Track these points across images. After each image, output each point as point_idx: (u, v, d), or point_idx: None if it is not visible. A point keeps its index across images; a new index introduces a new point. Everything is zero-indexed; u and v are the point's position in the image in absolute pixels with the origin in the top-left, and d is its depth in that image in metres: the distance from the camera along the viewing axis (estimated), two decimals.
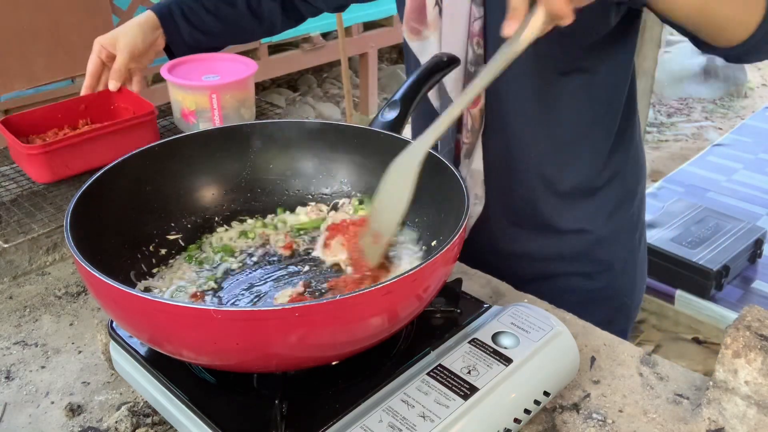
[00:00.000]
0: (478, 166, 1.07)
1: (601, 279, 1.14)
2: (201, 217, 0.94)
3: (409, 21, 1.06)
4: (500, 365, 0.72)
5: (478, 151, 1.06)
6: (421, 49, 1.07)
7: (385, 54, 5.06)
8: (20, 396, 0.82)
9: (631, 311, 1.20)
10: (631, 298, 1.19)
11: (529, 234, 1.11)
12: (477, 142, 1.06)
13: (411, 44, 1.08)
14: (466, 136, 1.06)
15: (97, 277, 0.64)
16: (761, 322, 0.75)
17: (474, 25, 0.99)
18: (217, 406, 0.70)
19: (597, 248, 1.11)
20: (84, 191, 0.78)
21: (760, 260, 2.71)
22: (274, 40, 3.56)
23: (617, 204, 1.11)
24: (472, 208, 1.08)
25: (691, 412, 0.78)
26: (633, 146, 1.12)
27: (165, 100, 1.36)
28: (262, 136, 0.96)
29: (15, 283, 1.02)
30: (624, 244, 1.15)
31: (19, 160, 1.19)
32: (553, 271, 1.13)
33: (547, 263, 1.13)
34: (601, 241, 1.11)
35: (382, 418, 0.67)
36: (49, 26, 2.16)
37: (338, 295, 0.62)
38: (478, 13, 0.98)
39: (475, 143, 1.06)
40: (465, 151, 1.07)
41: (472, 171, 1.08)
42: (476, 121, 1.04)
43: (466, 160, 1.08)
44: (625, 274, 1.16)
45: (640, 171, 1.16)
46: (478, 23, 0.98)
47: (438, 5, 1.02)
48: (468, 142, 1.06)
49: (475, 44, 1.00)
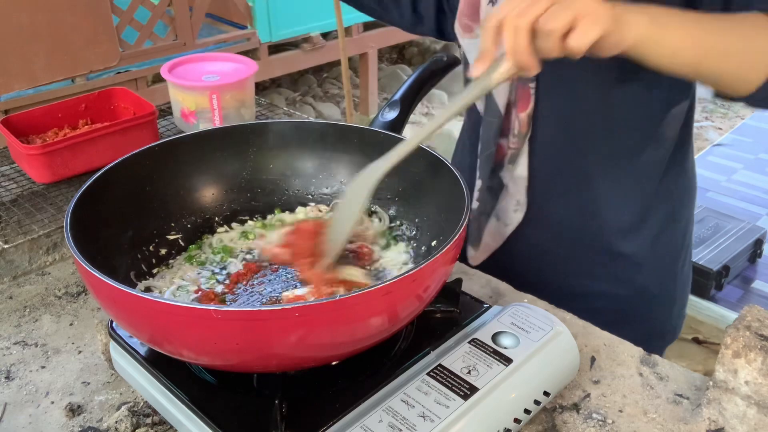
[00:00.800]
0: (523, 173, 1.02)
1: (637, 303, 1.09)
2: (201, 217, 0.94)
3: (462, 17, 1.02)
4: (500, 365, 0.72)
5: (523, 157, 1.01)
6: (472, 47, 1.02)
7: (385, 54, 5.06)
8: (20, 396, 0.82)
9: (666, 335, 1.15)
10: (666, 324, 1.14)
11: (568, 248, 1.07)
12: (523, 147, 1.00)
13: (462, 41, 1.04)
14: (512, 141, 1.00)
15: (97, 277, 0.64)
16: (761, 322, 0.75)
17: None
18: (217, 406, 0.70)
19: (636, 273, 1.06)
20: (84, 191, 0.78)
21: (760, 260, 2.71)
22: (274, 40, 3.56)
23: (663, 229, 1.06)
24: (512, 214, 1.05)
25: (691, 412, 0.78)
26: (685, 168, 1.07)
27: (165, 100, 1.36)
28: (262, 136, 0.96)
29: (15, 283, 1.02)
30: (665, 270, 1.10)
31: (19, 160, 1.19)
32: (588, 289, 1.08)
33: (583, 280, 1.08)
34: (642, 266, 1.06)
35: (382, 418, 0.67)
36: (49, 26, 2.16)
37: (338, 295, 0.62)
38: None
39: (521, 149, 1.00)
40: (510, 156, 1.02)
41: (516, 177, 1.02)
42: (524, 126, 0.98)
43: (510, 165, 1.02)
44: (662, 300, 1.11)
45: (690, 195, 1.10)
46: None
47: (492, 3, 0.97)
48: (514, 147, 1.00)
49: None
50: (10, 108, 2.68)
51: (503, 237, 1.08)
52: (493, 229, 1.08)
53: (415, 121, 4.33)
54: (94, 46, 2.18)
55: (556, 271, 1.09)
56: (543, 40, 0.68)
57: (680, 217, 1.09)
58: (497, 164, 1.04)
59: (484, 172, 1.05)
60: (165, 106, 1.40)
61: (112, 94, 1.30)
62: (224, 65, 1.31)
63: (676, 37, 0.75)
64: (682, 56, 0.76)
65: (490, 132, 1.02)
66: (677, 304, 1.14)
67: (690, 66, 0.78)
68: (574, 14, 0.67)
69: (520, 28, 0.67)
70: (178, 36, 3.14)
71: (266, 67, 3.57)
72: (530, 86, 0.96)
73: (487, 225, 1.09)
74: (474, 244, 1.12)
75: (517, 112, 0.98)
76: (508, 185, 1.04)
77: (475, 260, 1.13)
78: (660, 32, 0.74)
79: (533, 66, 0.70)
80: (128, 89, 1.31)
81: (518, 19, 0.67)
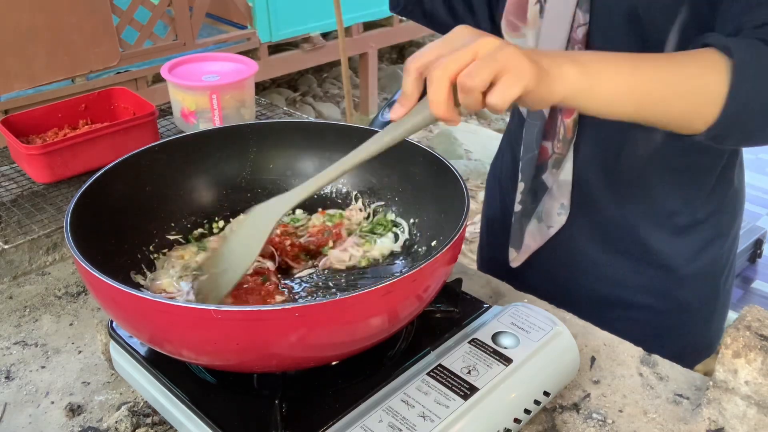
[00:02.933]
0: (567, 177, 1.01)
1: (675, 318, 1.06)
2: (201, 217, 0.94)
3: (509, 15, 1.00)
4: (500, 365, 0.72)
5: (568, 162, 1.00)
6: None
7: (385, 54, 5.06)
8: (20, 396, 0.82)
9: (702, 350, 1.12)
10: (704, 339, 1.11)
11: (608, 254, 1.05)
12: (569, 152, 0.99)
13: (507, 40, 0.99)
14: (557, 146, 0.99)
15: (97, 277, 0.64)
16: (761, 322, 0.75)
17: (577, 32, 0.92)
18: (217, 406, 0.69)
19: (677, 287, 1.04)
20: (84, 191, 0.78)
21: (760, 260, 2.71)
22: (274, 40, 3.56)
23: (708, 243, 1.03)
24: (556, 217, 1.03)
25: (691, 412, 0.78)
26: (733, 181, 1.04)
27: (165, 100, 1.37)
28: (262, 136, 0.96)
29: (15, 283, 1.02)
30: (706, 286, 1.07)
31: (19, 160, 1.19)
32: (625, 299, 1.06)
33: (621, 290, 1.06)
34: (683, 280, 1.04)
35: (382, 418, 0.67)
36: (49, 26, 2.16)
37: (338, 295, 0.62)
38: (584, 20, 0.91)
39: (566, 153, 0.99)
40: (554, 161, 1.01)
41: (560, 181, 1.01)
42: (569, 131, 0.97)
43: (554, 169, 1.01)
44: (702, 316, 1.09)
45: (738, 210, 1.07)
46: (582, 30, 0.91)
47: (539, 3, 0.95)
48: (559, 152, 0.99)
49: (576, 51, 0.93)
50: (10, 108, 2.68)
51: (545, 238, 1.07)
52: (534, 230, 1.07)
53: None
54: (94, 46, 2.19)
55: (593, 276, 1.07)
56: (463, 95, 0.64)
57: (727, 232, 1.06)
58: (540, 166, 1.03)
59: (526, 175, 1.04)
60: (165, 106, 1.40)
61: (112, 94, 1.30)
62: (224, 65, 1.31)
63: (611, 86, 0.70)
64: (619, 104, 0.72)
65: (533, 135, 1.02)
66: (716, 319, 1.11)
67: (630, 113, 0.74)
68: (495, 70, 0.62)
69: (442, 81, 0.63)
70: (178, 36, 3.14)
71: (266, 67, 3.57)
72: None
73: (528, 226, 1.08)
74: (516, 246, 1.11)
75: (563, 118, 0.97)
76: (552, 188, 1.03)
77: (516, 261, 1.12)
78: (592, 82, 0.69)
79: (454, 119, 0.66)
80: (128, 89, 1.31)
81: (439, 71, 0.63)
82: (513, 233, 1.11)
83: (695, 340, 1.10)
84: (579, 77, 0.68)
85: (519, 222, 1.09)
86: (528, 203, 1.07)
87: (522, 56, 0.63)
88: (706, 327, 1.11)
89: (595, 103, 0.71)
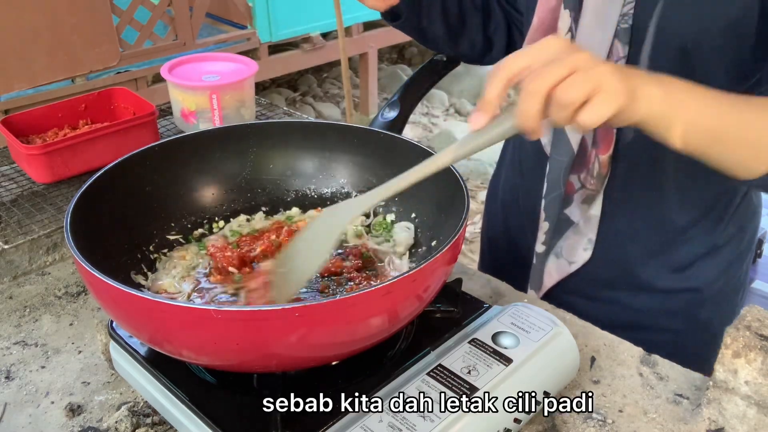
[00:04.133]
0: (597, 212, 0.98)
1: (695, 338, 1.05)
2: (201, 217, 0.94)
3: (535, 34, 0.96)
4: (500, 365, 0.72)
5: (599, 197, 0.97)
6: None
7: (385, 54, 5.06)
8: (20, 396, 0.82)
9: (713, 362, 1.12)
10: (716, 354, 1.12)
11: (631, 286, 1.03)
12: (602, 188, 0.97)
13: None
14: (590, 182, 0.97)
15: (97, 277, 0.64)
16: (761, 322, 0.75)
17: None
18: (217, 406, 0.69)
19: (700, 308, 1.03)
20: (84, 191, 0.78)
21: (760, 260, 2.71)
22: (274, 40, 3.56)
23: (731, 263, 1.03)
24: (581, 253, 1.01)
25: (691, 412, 0.78)
26: (754, 200, 1.04)
27: (165, 100, 1.36)
28: (262, 136, 0.96)
29: (15, 283, 1.02)
30: (728, 303, 1.06)
31: (19, 160, 1.19)
32: (646, 323, 1.04)
33: (643, 315, 1.04)
34: (706, 301, 1.03)
35: (382, 418, 0.66)
36: (49, 26, 2.16)
37: (338, 295, 0.62)
38: (623, 52, 0.87)
39: (600, 189, 0.97)
40: (586, 197, 0.98)
41: (590, 216, 0.99)
42: (604, 168, 0.94)
43: (584, 205, 0.99)
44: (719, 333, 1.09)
45: (757, 224, 1.07)
46: (622, 63, 0.87)
47: (571, 32, 0.90)
48: (592, 188, 0.97)
49: None
50: (10, 108, 2.67)
51: (563, 275, 1.05)
52: (552, 267, 1.05)
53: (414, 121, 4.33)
54: (94, 46, 2.19)
55: (611, 303, 1.05)
56: (556, 109, 0.62)
57: (747, 249, 1.06)
58: (564, 201, 1.00)
59: (551, 214, 1.01)
60: (165, 106, 1.40)
61: (112, 94, 1.30)
62: (224, 65, 1.31)
63: (690, 117, 0.69)
64: (693, 137, 0.71)
65: (559, 172, 0.98)
66: None
67: (701, 149, 0.73)
68: (592, 87, 0.61)
69: (537, 93, 0.61)
70: (178, 36, 3.14)
71: (266, 67, 3.57)
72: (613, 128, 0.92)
73: (546, 263, 1.06)
74: (535, 287, 1.09)
75: (598, 153, 0.94)
76: (579, 224, 1.01)
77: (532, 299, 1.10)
78: (673, 110, 0.68)
79: (539, 132, 0.64)
80: (128, 89, 1.31)
81: (536, 83, 0.61)
82: (533, 273, 1.08)
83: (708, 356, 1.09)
84: (662, 102, 0.67)
85: (542, 263, 1.06)
86: (551, 240, 1.04)
87: (617, 75, 0.62)
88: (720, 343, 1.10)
89: (671, 131, 0.70)
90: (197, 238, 0.92)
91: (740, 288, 1.08)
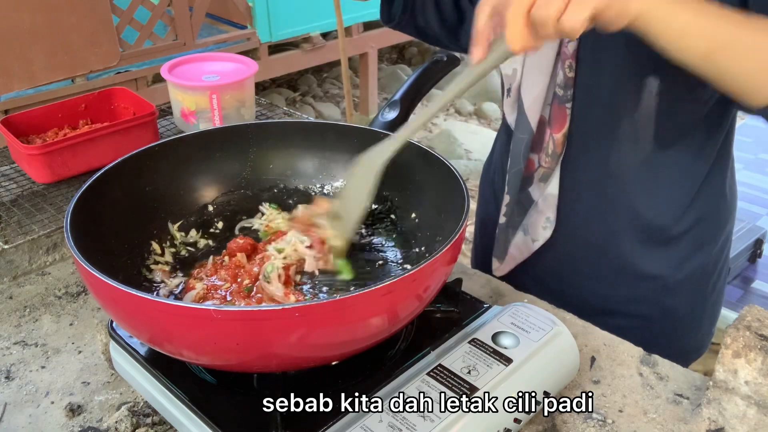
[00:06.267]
0: (554, 191, 1.01)
1: (662, 324, 1.07)
2: (201, 217, 0.94)
3: None
4: (500, 365, 0.72)
5: (555, 176, 1.00)
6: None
7: (385, 54, 5.06)
8: (20, 396, 0.82)
9: (690, 353, 1.12)
10: (691, 343, 1.12)
11: (593, 266, 1.05)
12: (556, 167, 0.99)
13: None
14: (545, 160, 1.00)
15: (97, 277, 0.64)
16: (761, 322, 0.75)
17: (567, 47, 0.93)
18: (217, 406, 0.70)
19: (663, 295, 1.04)
20: (84, 191, 0.78)
21: (760, 260, 2.71)
22: (274, 40, 3.56)
23: (693, 252, 1.03)
24: (541, 231, 1.04)
25: (691, 412, 0.78)
26: (722, 190, 1.03)
27: (165, 100, 1.36)
28: (262, 136, 0.96)
29: (15, 283, 1.02)
30: (694, 291, 1.07)
31: (19, 160, 1.19)
32: (613, 308, 1.06)
33: (608, 300, 1.06)
34: (670, 288, 1.04)
35: (382, 418, 0.66)
36: (49, 26, 2.16)
37: (338, 295, 0.62)
38: None
39: (554, 168, 1.00)
40: (542, 175, 1.01)
41: (547, 195, 1.02)
42: (559, 146, 0.97)
43: (541, 183, 1.02)
44: (689, 322, 1.09)
45: (726, 217, 1.07)
46: (573, 45, 0.92)
47: None
48: (547, 166, 1.00)
49: (567, 66, 0.93)
50: (10, 108, 2.68)
51: (530, 251, 1.07)
52: (520, 242, 1.08)
53: None
54: (94, 46, 2.19)
55: (580, 287, 1.07)
56: (539, 27, 0.67)
57: (713, 239, 1.05)
58: (526, 179, 1.03)
59: (512, 187, 1.05)
60: (165, 106, 1.40)
61: (112, 94, 1.30)
62: (224, 65, 1.31)
63: (687, 19, 0.69)
64: (691, 41, 0.70)
65: (520, 148, 1.02)
66: (705, 324, 1.12)
67: (700, 55, 0.71)
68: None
69: (518, 16, 0.66)
70: (178, 36, 3.14)
71: (266, 67, 3.57)
72: (567, 106, 0.95)
73: (513, 238, 1.08)
74: (499, 256, 1.11)
75: (552, 132, 0.97)
76: (538, 202, 1.03)
77: (499, 272, 1.12)
78: (669, 9, 0.68)
79: (531, 46, 0.68)
80: (128, 89, 1.31)
81: (514, 7, 0.67)
82: (497, 243, 1.11)
83: (682, 345, 1.11)
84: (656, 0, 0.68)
85: (504, 233, 1.09)
86: (514, 215, 1.07)
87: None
88: (694, 332, 1.11)
89: (668, 32, 0.70)
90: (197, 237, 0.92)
91: (710, 277, 1.07)
